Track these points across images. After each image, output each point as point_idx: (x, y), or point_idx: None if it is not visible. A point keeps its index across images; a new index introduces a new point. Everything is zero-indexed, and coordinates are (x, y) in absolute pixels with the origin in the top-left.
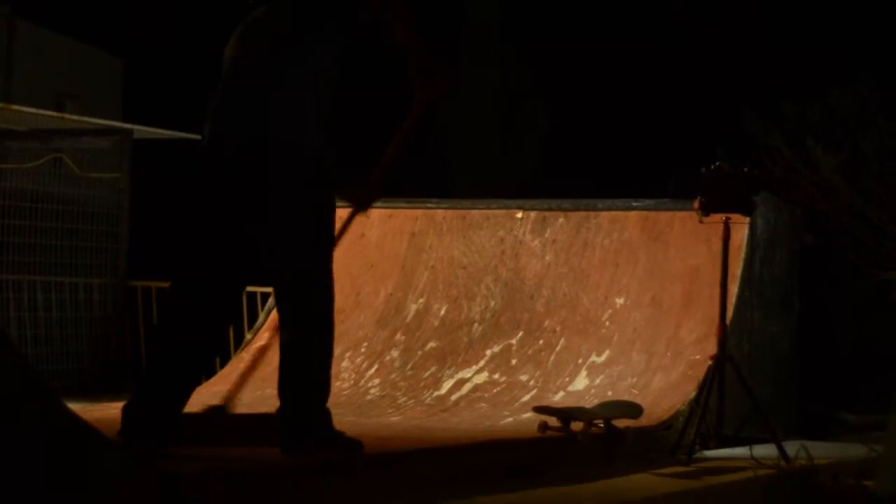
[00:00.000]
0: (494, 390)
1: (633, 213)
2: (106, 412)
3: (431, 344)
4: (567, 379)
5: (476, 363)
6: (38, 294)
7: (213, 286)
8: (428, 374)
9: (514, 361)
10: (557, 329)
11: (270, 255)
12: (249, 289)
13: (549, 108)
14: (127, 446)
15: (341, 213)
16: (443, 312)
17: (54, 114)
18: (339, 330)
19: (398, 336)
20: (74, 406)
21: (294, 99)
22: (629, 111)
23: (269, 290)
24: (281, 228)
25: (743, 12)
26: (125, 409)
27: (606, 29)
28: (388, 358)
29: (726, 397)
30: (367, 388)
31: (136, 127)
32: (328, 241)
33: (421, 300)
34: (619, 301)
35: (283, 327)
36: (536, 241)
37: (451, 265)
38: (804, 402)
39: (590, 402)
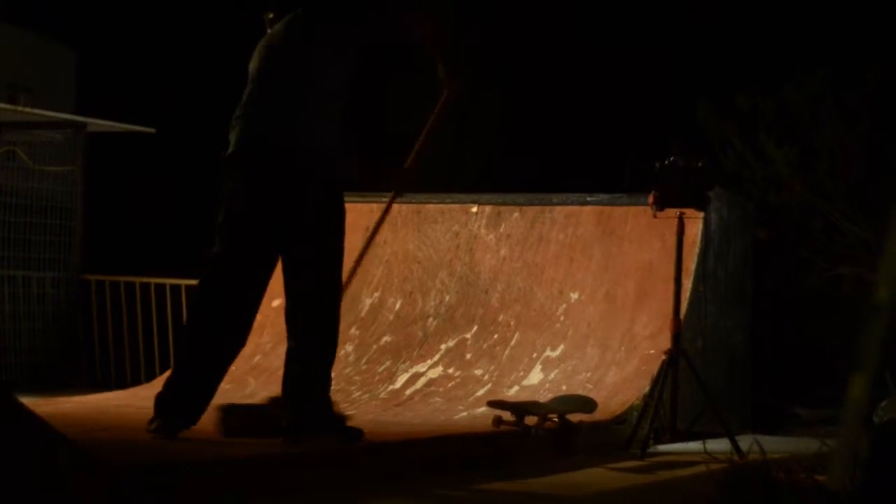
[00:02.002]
0: (449, 384)
1: (587, 208)
2: (59, 406)
3: (386, 338)
4: (521, 373)
5: (431, 357)
6: None
7: (247, 280)
8: (382, 368)
9: (468, 356)
10: (512, 323)
11: (294, 250)
12: None
13: (503, 100)
14: (162, 425)
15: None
16: (398, 307)
17: (7, 106)
18: None
19: (353, 330)
20: (27, 400)
21: (314, 107)
22: (581, 104)
23: None
24: (305, 226)
25: (698, 4)
26: (159, 396)
27: (559, 21)
28: (342, 352)
29: (680, 392)
30: None
31: (89, 120)
32: (341, 237)
33: (376, 294)
34: (574, 296)
35: (293, 320)
36: (491, 236)
37: (405, 259)
38: (757, 397)
39: (544, 397)
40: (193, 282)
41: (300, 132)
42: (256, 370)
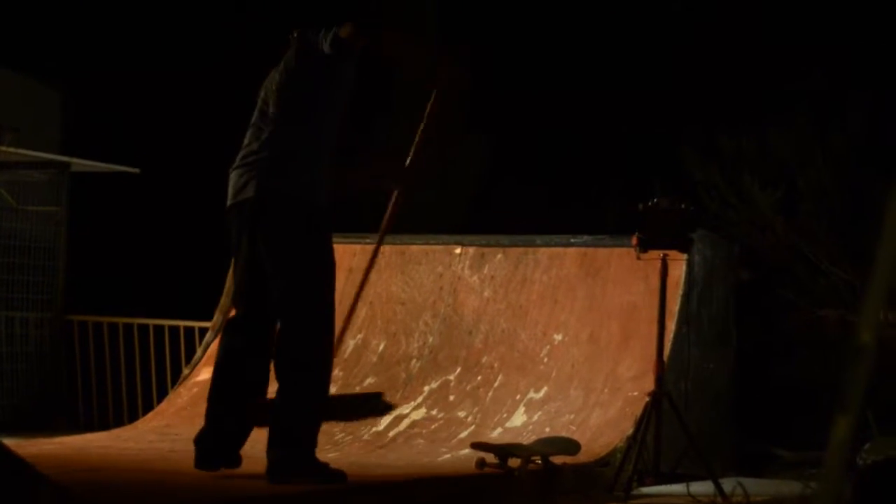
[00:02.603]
0: (432, 426)
1: (571, 250)
2: (41, 448)
3: (369, 380)
4: (505, 415)
5: (414, 399)
6: None
7: (260, 323)
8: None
9: (451, 397)
10: (495, 365)
11: (280, 296)
12: (187, 323)
13: (487, 139)
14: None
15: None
16: (381, 348)
17: None
18: None
19: (336, 372)
20: (9, 441)
21: (288, 149)
22: (565, 145)
23: (208, 324)
24: (280, 274)
25: (683, 45)
26: (198, 441)
27: (544, 63)
28: None
29: (663, 434)
30: None
31: (73, 160)
32: (326, 283)
33: (359, 336)
34: (558, 337)
35: (279, 364)
36: (475, 277)
37: (389, 301)
38: (741, 439)
39: (528, 439)
40: (177, 322)
41: (283, 179)
42: None
